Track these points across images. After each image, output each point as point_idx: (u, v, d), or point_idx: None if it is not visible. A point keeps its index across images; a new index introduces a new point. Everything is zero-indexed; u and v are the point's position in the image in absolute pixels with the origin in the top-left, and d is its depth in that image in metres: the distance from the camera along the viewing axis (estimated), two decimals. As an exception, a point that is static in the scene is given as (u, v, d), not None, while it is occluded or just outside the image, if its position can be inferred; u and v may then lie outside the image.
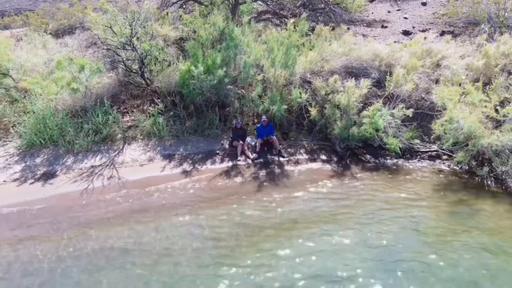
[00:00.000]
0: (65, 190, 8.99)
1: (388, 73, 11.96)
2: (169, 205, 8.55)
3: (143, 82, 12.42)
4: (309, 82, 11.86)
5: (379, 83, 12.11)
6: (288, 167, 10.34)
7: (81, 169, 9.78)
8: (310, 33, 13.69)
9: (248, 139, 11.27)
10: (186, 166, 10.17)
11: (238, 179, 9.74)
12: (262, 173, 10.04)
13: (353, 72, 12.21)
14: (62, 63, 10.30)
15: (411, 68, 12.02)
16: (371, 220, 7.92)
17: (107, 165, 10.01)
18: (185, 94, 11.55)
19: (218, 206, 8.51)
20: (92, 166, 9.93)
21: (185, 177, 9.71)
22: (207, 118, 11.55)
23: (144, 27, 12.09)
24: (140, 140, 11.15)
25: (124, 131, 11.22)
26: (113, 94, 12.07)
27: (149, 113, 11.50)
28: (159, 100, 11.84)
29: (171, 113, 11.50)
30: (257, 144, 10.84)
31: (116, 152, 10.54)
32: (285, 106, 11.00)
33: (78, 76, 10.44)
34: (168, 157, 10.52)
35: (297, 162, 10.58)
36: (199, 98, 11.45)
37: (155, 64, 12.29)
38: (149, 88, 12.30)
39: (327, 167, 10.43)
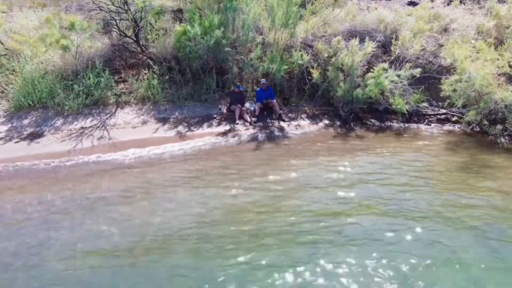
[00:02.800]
0: (52, 149, 8.49)
1: (394, 38, 11.37)
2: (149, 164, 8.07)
3: (138, 48, 11.90)
4: (311, 46, 11.30)
5: (384, 48, 11.55)
6: (288, 130, 9.82)
7: (70, 130, 9.30)
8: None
9: (247, 104, 10.75)
10: (181, 128, 9.66)
11: (235, 139, 9.22)
12: (261, 134, 9.52)
13: (357, 36, 11.63)
14: (51, 20, 9.79)
15: (418, 31, 11.46)
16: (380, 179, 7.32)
17: (98, 127, 9.52)
18: (181, 58, 11.03)
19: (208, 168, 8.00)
20: (82, 128, 9.44)
21: (179, 138, 9.20)
22: (204, 83, 11.04)
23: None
24: (134, 105, 10.65)
25: (118, 96, 10.72)
26: (106, 59, 11.55)
27: (144, 79, 10.98)
28: (155, 65, 11.31)
29: (167, 77, 10.97)
30: (256, 108, 10.32)
31: (108, 116, 10.05)
32: (286, 66, 10.44)
33: (69, 35, 9.91)
34: (163, 120, 10.02)
35: (298, 126, 10.05)
36: (196, 63, 10.92)
37: (150, 31, 11.77)
38: (144, 54, 11.78)
39: (330, 130, 9.90)
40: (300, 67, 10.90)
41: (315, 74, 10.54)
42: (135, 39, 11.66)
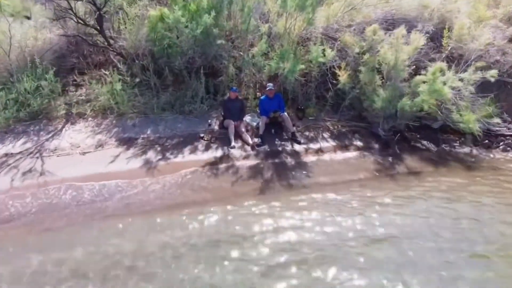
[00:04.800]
0: None
1: (447, 29, 8.36)
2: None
3: (104, 40, 8.92)
4: (335, 39, 8.30)
5: (431, 41, 8.55)
6: (306, 157, 6.83)
7: (-14, 158, 6.32)
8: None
9: (248, 117, 7.78)
10: (152, 155, 6.68)
11: (228, 177, 6.23)
12: (267, 167, 6.53)
13: (394, 26, 8.62)
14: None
15: (478, 20, 8.47)
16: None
17: (32, 153, 6.53)
18: (157, 54, 8.05)
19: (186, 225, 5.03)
20: (5, 155, 6.45)
21: (146, 173, 6.22)
22: (189, 88, 8.05)
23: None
24: (90, 119, 7.67)
25: (69, 106, 7.76)
26: (58, 55, 8.59)
27: (107, 82, 8.01)
28: (124, 64, 8.35)
29: (137, 80, 7.98)
30: (261, 123, 7.34)
31: (50, 135, 7.06)
32: (303, 66, 7.43)
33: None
34: (128, 142, 7.04)
35: (320, 151, 7.06)
36: (179, 61, 7.94)
37: (123, 19, 8.78)
38: (110, 49, 8.78)
39: (367, 158, 6.90)
40: (321, 67, 7.92)
41: (343, 76, 7.54)
42: (98, 28, 8.68)
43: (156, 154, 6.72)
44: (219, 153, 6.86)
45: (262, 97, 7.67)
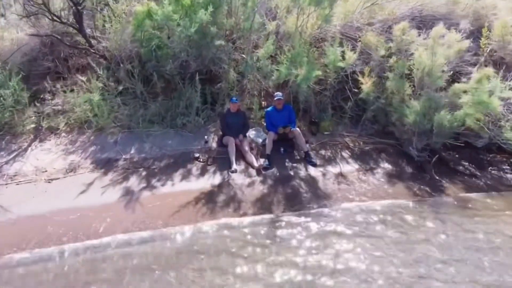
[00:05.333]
0: None
1: (486, 28, 7.10)
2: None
3: (85, 41, 7.68)
4: (355, 39, 7.02)
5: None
6: (325, 185, 5.55)
7: None
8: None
9: (252, 133, 6.52)
10: (134, 183, 5.41)
11: (230, 211, 4.96)
12: (278, 200, 5.25)
13: (423, 25, 7.35)
14: None
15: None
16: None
17: (-17, 181, 5.28)
18: (144, 56, 6.79)
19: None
20: (-50, 183, 5.19)
21: (125, 206, 4.94)
22: (183, 97, 6.79)
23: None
24: (64, 134, 6.42)
25: (39, 119, 6.52)
26: (30, 58, 7.34)
27: (85, 90, 6.76)
28: (106, 69, 7.10)
29: (121, 88, 6.72)
30: (267, 141, 6.07)
31: (11, 156, 5.80)
32: (319, 72, 6.16)
33: None
34: (106, 164, 5.77)
35: (340, 176, 5.78)
36: (170, 65, 6.68)
37: (109, 16, 7.51)
38: (92, 50, 7.52)
39: (399, 186, 5.63)
40: (338, 73, 6.65)
41: (367, 84, 6.27)
42: (77, 27, 7.43)
43: (140, 181, 5.45)
44: (217, 179, 5.59)
45: (268, 109, 6.41)
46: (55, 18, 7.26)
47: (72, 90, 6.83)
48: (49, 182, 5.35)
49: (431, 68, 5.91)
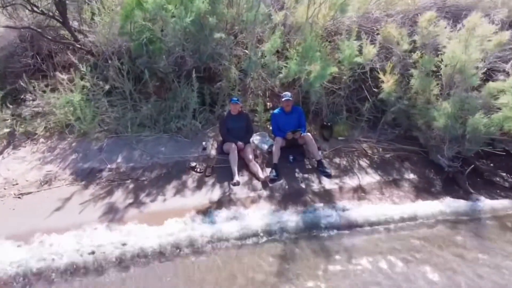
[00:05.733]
0: None
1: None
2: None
3: (70, 35, 6.91)
4: (372, 32, 6.22)
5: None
6: (340, 200, 4.75)
7: None
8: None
9: (256, 138, 5.73)
10: (120, 198, 4.61)
11: (230, 233, 4.16)
12: (286, 217, 4.44)
13: (448, 16, 6.54)
14: None
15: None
16: None
17: None
18: (134, 51, 6.00)
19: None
20: None
21: (108, 227, 4.14)
22: (178, 97, 5.99)
23: None
24: (42, 140, 5.62)
25: (14, 123, 5.73)
26: (8, 54, 6.57)
27: (66, 90, 5.95)
28: (93, 67, 6.33)
29: (107, 87, 5.91)
30: (274, 148, 5.27)
31: (-22, 165, 5.00)
32: (336, 69, 5.36)
33: None
34: (88, 176, 4.97)
35: (360, 189, 4.97)
36: (163, 61, 5.89)
37: (98, 8, 6.70)
38: (77, 45, 6.73)
39: (427, 202, 4.82)
40: (354, 69, 5.86)
41: (389, 83, 5.46)
42: (60, 19, 6.65)
43: (126, 196, 4.65)
44: (216, 193, 4.79)
45: (275, 111, 5.61)
46: (34, 8, 6.48)
47: (53, 90, 6.03)
48: (19, 197, 4.55)
49: (464, 64, 5.10)
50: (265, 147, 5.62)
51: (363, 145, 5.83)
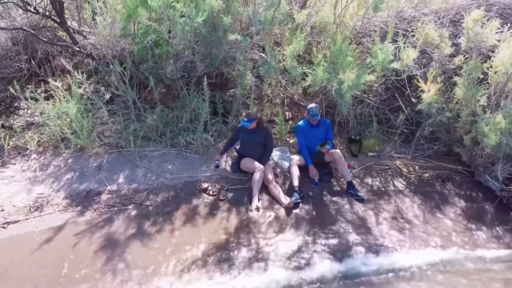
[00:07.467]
0: None
1: None
2: None
3: (68, 37, 6.27)
4: (407, 34, 5.49)
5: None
6: (379, 229, 4.05)
7: None
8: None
9: (276, 153, 5.05)
10: (119, 229, 3.94)
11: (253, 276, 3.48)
12: (316, 252, 3.75)
13: (497, 17, 5.79)
14: None
15: None
16: None
17: None
18: (138, 55, 5.32)
19: None
20: None
21: (103, 266, 3.47)
22: (187, 107, 5.32)
23: None
24: (34, 156, 4.97)
25: (5, 135, 5.08)
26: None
27: (62, 99, 5.29)
28: (93, 71, 5.71)
29: (107, 97, 5.23)
30: (292, 168, 4.58)
31: (-41, 187, 4.36)
32: (372, 77, 4.65)
33: None
34: (84, 200, 4.31)
35: (398, 214, 4.27)
36: (172, 66, 5.22)
37: (100, 8, 6.03)
38: (76, 48, 6.08)
39: (478, 232, 4.11)
40: (387, 76, 5.15)
41: (430, 92, 4.74)
42: (57, 19, 6.01)
43: (128, 225, 3.98)
44: (232, 221, 4.11)
45: (300, 123, 4.91)
46: (28, 8, 5.84)
47: (48, 98, 5.39)
48: (3, 227, 3.90)
49: (519, 71, 4.38)
50: (286, 164, 4.93)
51: (397, 162, 5.13)
